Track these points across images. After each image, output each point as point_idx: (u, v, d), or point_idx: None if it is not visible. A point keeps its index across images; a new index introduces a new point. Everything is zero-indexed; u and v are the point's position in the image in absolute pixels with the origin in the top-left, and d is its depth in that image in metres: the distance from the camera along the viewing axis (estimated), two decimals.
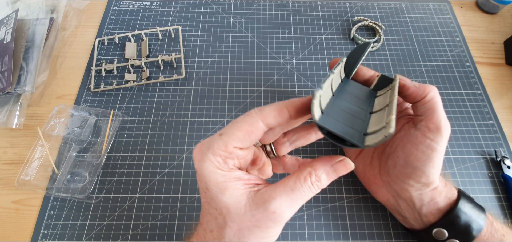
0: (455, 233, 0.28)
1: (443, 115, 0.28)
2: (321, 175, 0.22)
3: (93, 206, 0.35)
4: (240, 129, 0.22)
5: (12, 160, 0.38)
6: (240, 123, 0.22)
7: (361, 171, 0.33)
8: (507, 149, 0.40)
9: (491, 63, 0.48)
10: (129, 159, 0.38)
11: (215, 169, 0.22)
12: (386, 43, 0.48)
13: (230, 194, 0.21)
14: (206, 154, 0.22)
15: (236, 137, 0.22)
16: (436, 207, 0.29)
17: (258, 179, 0.24)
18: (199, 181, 0.23)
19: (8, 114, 0.40)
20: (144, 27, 0.48)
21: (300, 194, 0.21)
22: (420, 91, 0.28)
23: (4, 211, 0.35)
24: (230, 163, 0.22)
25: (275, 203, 0.21)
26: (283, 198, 0.21)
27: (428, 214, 0.29)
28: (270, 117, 0.22)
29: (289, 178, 0.22)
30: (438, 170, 0.28)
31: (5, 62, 0.41)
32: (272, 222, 0.21)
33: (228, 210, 0.22)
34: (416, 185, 0.28)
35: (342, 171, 0.23)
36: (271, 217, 0.21)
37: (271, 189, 0.22)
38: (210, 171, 0.22)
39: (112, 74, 0.44)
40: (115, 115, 0.40)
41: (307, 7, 0.52)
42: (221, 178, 0.22)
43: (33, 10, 0.48)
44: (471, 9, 0.54)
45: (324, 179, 0.22)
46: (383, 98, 0.29)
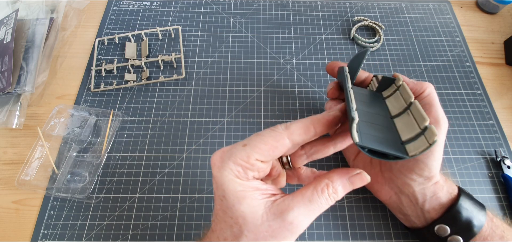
0: (457, 230, 0.28)
1: (440, 109, 0.29)
2: (338, 187, 0.23)
3: (93, 206, 0.35)
4: (265, 143, 0.22)
5: (12, 160, 0.38)
6: (266, 137, 0.22)
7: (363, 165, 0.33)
8: (507, 149, 0.40)
9: (491, 63, 0.48)
10: (129, 159, 0.38)
11: (234, 178, 0.22)
12: (386, 43, 0.48)
13: (248, 203, 0.21)
14: (227, 162, 0.22)
15: (260, 150, 0.22)
16: (438, 202, 0.29)
17: (275, 189, 0.24)
18: (216, 188, 0.23)
19: (8, 114, 0.40)
20: (144, 27, 0.48)
21: (317, 205, 0.22)
22: (418, 87, 0.30)
23: (4, 211, 0.35)
24: (249, 174, 0.22)
25: (293, 213, 0.21)
26: (301, 209, 0.21)
27: (430, 210, 0.29)
28: (296, 134, 0.23)
29: (306, 189, 0.22)
30: (439, 163, 0.28)
31: (5, 62, 0.41)
32: (289, 232, 0.21)
33: (245, 220, 0.21)
34: (419, 179, 0.29)
35: (358, 183, 0.23)
36: (288, 228, 0.21)
37: (289, 199, 0.22)
38: (229, 179, 0.22)
39: (112, 74, 0.44)
40: (115, 115, 0.40)
41: (307, 7, 0.52)
42: (239, 187, 0.22)
43: (33, 10, 0.48)
44: (471, 9, 0.54)
45: (341, 191, 0.23)
46: (394, 100, 0.29)
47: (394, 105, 0.29)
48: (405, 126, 0.25)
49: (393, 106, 0.29)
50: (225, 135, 0.40)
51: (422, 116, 0.24)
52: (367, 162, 0.33)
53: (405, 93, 0.28)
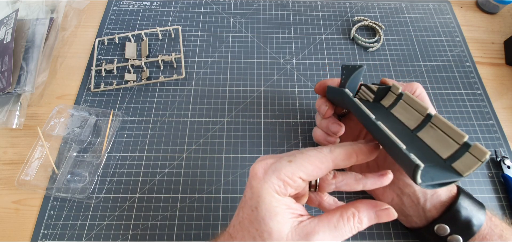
0: (456, 229, 0.28)
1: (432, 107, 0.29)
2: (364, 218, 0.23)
3: (93, 206, 0.35)
4: (311, 163, 0.23)
5: (12, 160, 0.38)
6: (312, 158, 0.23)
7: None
8: (507, 149, 0.40)
9: (491, 63, 0.48)
10: (129, 159, 0.38)
11: (273, 192, 0.22)
12: (386, 43, 0.48)
13: (278, 220, 0.22)
14: (271, 176, 0.22)
15: (305, 169, 0.22)
16: (438, 200, 0.29)
17: (303, 210, 0.24)
18: (250, 197, 0.23)
19: (8, 114, 0.40)
20: (144, 27, 0.48)
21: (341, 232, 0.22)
22: (409, 88, 0.30)
23: (4, 211, 0.35)
24: (288, 189, 0.23)
25: (317, 237, 0.21)
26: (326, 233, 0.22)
27: (431, 209, 0.29)
28: (339, 159, 0.23)
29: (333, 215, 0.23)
30: None
31: (5, 62, 0.41)
32: None
33: (270, 235, 0.22)
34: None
35: (384, 218, 0.23)
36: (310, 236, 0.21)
37: (315, 223, 0.22)
38: (268, 192, 0.22)
39: (112, 74, 0.44)
40: (115, 115, 0.40)
41: (307, 7, 0.52)
42: (275, 202, 0.22)
43: (33, 10, 0.48)
44: (471, 9, 0.54)
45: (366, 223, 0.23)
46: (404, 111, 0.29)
47: (407, 116, 0.28)
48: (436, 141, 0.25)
49: (406, 118, 0.28)
50: (225, 135, 0.40)
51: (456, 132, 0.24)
52: (363, 166, 0.33)
53: (415, 104, 0.27)
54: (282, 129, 0.40)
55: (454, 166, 0.24)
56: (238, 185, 0.36)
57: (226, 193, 0.36)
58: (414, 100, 0.28)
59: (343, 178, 0.26)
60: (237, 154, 0.38)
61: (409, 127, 0.28)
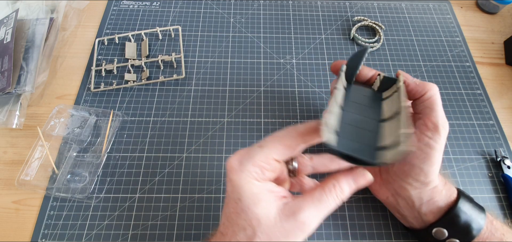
0: (454, 232, 0.28)
1: (441, 113, 0.28)
2: (344, 186, 0.23)
3: (93, 206, 0.35)
4: (281, 143, 0.24)
5: (12, 160, 0.38)
6: (281, 137, 0.24)
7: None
8: (507, 149, 0.40)
9: (491, 63, 0.48)
10: (129, 159, 0.38)
11: (252, 179, 0.23)
12: (386, 43, 0.48)
13: (262, 206, 0.22)
14: (246, 165, 0.23)
15: (276, 149, 0.23)
16: (436, 206, 0.29)
17: (285, 191, 0.24)
18: (231, 191, 0.23)
19: (8, 114, 0.40)
20: (144, 27, 0.48)
21: (325, 204, 0.23)
22: (420, 88, 0.29)
23: (4, 211, 0.35)
24: (266, 174, 0.23)
25: (304, 214, 0.22)
26: (311, 209, 0.22)
27: (427, 213, 0.29)
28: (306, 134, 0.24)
29: (315, 190, 0.23)
30: (437, 169, 0.28)
31: (5, 62, 0.41)
32: (301, 232, 0.22)
33: (259, 222, 0.22)
34: (415, 183, 0.28)
35: (362, 182, 0.24)
36: (300, 228, 0.22)
37: (299, 201, 0.23)
38: (247, 181, 0.23)
39: (112, 74, 0.44)
40: (115, 115, 0.40)
41: (307, 7, 0.52)
42: (256, 189, 0.22)
43: (33, 10, 0.48)
44: (471, 9, 0.54)
45: (346, 190, 0.24)
46: (390, 102, 0.29)
47: (390, 107, 0.29)
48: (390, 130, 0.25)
49: (388, 109, 0.29)
50: (225, 135, 0.40)
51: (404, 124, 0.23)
52: None
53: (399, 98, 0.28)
54: (282, 129, 0.40)
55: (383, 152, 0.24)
56: None
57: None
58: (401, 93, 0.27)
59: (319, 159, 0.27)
60: None
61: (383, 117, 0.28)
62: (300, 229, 0.22)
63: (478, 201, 0.36)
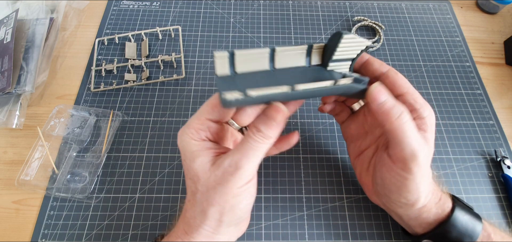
0: None
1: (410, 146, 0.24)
2: (259, 125, 0.24)
3: (93, 206, 0.35)
4: (208, 104, 0.26)
5: (12, 160, 0.38)
6: (211, 99, 0.26)
7: (359, 173, 0.33)
8: (507, 149, 0.40)
9: (491, 63, 0.48)
10: (129, 159, 0.38)
11: (190, 139, 0.25)
12: (386, 43, 0.48)
13: (200, 161, 0.25)
14: (185, 129, 0.26)
15: (206, 110, 0.26)
16: (425, 222, 0.28)
17: (225, 149, 0.26)
18: (182, 158, 0.26)
19: (8, 114, 0.40)
20: (144, 27, 0.48)
21: (248, 146, 0.24)
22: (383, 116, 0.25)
23: (4, 211, 0.35)
24: (202, 134, 0.26)
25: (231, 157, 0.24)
26: (237, 153, 0.24)
27: (416, 226, 0.29)
28: None
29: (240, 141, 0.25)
30: (419, 193, 0.26)
31: (5, 62, 0.41)
32: (230, 175, 0.23)
33: (198, 177, 0.24)
34: (399, 203, 0.27)
35: (274, 114, 0.24)
36: (229, 171, 0.23)
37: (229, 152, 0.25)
38: (186, 142, 0.25)
39: (112, 74, 0.44)
40: (115, 115, 0.40)
41: (307, 7, 0.52)
42: (194, 147, 0.25)
43: (33, 10, 0.48)
44: (471, 9, 0.54)
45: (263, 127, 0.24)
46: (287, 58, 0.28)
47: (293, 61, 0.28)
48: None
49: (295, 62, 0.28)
50: None
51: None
52: (363, 169, 0.32)
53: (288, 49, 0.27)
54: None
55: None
56: None
57: None
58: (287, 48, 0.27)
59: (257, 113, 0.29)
60: None
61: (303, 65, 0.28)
62: (228, 172, 0.23)
63: (478, 201, 0.36)
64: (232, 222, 0.25)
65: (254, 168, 0.24)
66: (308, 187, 0.36)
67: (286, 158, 0.38)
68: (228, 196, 0.24)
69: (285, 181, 0.37)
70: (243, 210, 0.25)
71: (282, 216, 0.35)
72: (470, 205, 0.30)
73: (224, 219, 0.24)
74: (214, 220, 0.24)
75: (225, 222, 0.25)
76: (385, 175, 0.27)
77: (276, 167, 0.38)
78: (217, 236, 0.25)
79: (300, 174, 0.37)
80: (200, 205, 0.25)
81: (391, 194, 0.27)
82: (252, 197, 0.26)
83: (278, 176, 0.37)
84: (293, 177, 0.37)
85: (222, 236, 0.26)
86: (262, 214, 0.35)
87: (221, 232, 0.25)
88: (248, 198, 0.25)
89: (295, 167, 0.38)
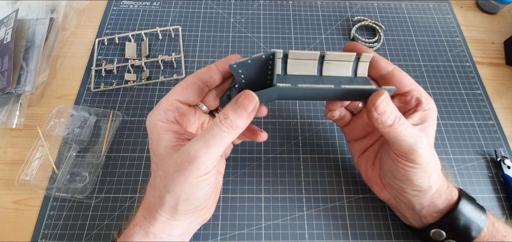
0: (453, 234, 0.28)
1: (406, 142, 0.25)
2: (228, 111, 0.23)
3: (93, 206, 0.35)
4: (179, 85, 0.26)
5: (12, 160, 0.38)
6: (182, 82, 0.26)
7: (364, 170, 0.33)
8: (507, 149, 0.40)
9: (491, 63, 0.48)
10: (129, 159, 0.38)
11: (157, 121, 0.25)
12: (386, 43, 0.48)
13: (164, 145, 0.24)
14: (154, 111, 0.26)
15: (176, 91, 0.26)
16: (435, 209, 0.29)
17: (192, 135, 0.25)
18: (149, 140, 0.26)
19: (8, 114, 0.40)
20: (144, 27, 0.48)
21: (212, 134, 0.23)
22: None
23: (4, 211, 0.35)
24: (170, 115, 0.26)
25: (192, 146, 0.23)
26: (199, 141, 0.23)
27: (427, 216, 0.29)
28: (201, 73, 0.26)
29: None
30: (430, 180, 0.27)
31: (5, 62, 0.41)
32: (189, 164, 0.22)
33: (161, 159, 0.24)
34: (413, 192, 0.28)
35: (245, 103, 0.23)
36: (187, 159, 0.23)
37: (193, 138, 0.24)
38: (153, 124, 0.25)
39: (112, 74, 0.44)
40: (115, 115, 0.40)
41: (307, 7, 0.52)
42: (160, 130, 0.25)
43: (33, 10, 0.48)
44: (471, 9, 0.54)
45: (232, 115, 0.23)
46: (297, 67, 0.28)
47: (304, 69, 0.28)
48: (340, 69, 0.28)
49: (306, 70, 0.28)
50: None
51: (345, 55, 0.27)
52: (369, 165, 0.33)
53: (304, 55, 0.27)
54: (282, 129, 0.40)
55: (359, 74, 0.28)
56: (238, 185, 0.36)
57: (226, 193, 0.36)
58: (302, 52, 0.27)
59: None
60: (237, 154, 0.38)
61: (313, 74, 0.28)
62: (187, 161, 0.22)
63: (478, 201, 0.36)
64: (188, 211, 0.25)
65: (214, 159, 0.23)
66: (308, 187, 0.36)
67: (286, 158, 0.38)
68: (185, 185, 0.23)
69: (285, 181, 0.37)
70: (200, 200, 0.25)
71: (282, 216, 0.35)
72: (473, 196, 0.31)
73: (179, 207, 0.24)
74: (170, 207, 0.24)
75: (180, 211, 0.24)
76: (394, 167, 0.28)
77: (276, 167, 0.38)
78: (174, 222, 0.25)
79: (300, 174, 0.37)
80: (158, 190, 0.24)
81: (404, 184, 0.28)
82: (210, 187, 0.25)
83: (278, 176, 0.37)
84: (293, 177, 0.37)
85: (179, 223, 0.26)
86: (262, 214, 0.35)
87: (177, 219, 0.25)
88: (206, 189, 0.24)
89: (295, 167, 0.38)
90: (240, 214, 0.35)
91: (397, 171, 0.28)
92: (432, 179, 0.27)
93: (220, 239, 0.33)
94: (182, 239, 0.28)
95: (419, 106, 0.28)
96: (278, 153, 0.38)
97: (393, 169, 0.28)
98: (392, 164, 0.28)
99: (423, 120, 0.27)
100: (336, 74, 0.28)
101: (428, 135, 0.27)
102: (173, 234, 0.26)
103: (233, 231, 0.34)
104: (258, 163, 0.38)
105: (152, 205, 0.25)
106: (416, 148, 0.25)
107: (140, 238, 0.25)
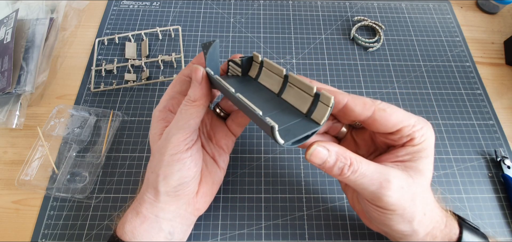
0: None
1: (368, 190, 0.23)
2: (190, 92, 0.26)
3: (93, 206, 0.35)
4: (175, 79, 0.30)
5: (12, 160, 0.38)
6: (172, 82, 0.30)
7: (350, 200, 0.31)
8: (507, 149, 0.40)
9: (491, 63, 0.48)
10: (129, 159, 0.38)
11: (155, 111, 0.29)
12: (386, 43, 0.48)
13: (154, 132, 0.28)
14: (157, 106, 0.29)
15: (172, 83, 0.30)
16: None
17: None
18: None
19: (8, 114, 0.40)
20: (144, 27, 0.48)
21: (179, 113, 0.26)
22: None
23: (4, 211, 0.35)
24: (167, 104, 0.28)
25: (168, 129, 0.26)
26: (172, 124, 0.26)
27: None
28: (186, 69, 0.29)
29: None
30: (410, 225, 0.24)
31: (5, 62, 0.41)
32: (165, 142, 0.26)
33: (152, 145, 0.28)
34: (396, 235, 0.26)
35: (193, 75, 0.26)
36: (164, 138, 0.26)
37: None
38: (153, 114, 0.29)
39: (112, 74, 0.44)
40: (115, 115, 0.40)
41: (307, 7, 0.52)
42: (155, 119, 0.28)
43: (33, 10, 0.48)
44: (471, 9, 0.54)
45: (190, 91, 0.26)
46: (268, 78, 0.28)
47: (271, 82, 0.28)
48: (296, 99, 0.26)
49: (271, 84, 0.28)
50: None
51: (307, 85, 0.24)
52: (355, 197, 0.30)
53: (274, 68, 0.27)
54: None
55: (313, 117, 0.24)
56: (238, 185, 0.36)
57: (226, 193, 0.36)
58: (272, 64, 0.27)
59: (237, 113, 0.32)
60: (237, 154, 0.38)
61: (274, 92, 0.28)
62: (165, 141, 0.26)
63: (478, 201, 0.36)
64: (169, 192, 0.26)
65: (184, 136, 0.26)
66: (308, 187, 0.36)
67: (286, 158, 0.38)
68: (162, 164, 0.26)
69: (285, 181, 0.37)
70: (177, 180, 0.26)
71: (282, 216, 0.35)
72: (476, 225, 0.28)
73: (160, 188, 0.26)
74: (153, 188, 0.27)
75: (161, 192, 0.26)
76: (369, 210, 0.25)
77: (276, 167, 0.38)
78: (158, 204, 0.27)
79: (300, 174, 0.37)
80: (146, 174, 0.28)
81: (384, 228, 0.26)
82: (188, 170, 0.26)
83: (278, 176, 0.37)
84: (293, 177, 0.37)
85: (164, 205, 0.27)
86: (262, 214, 0.35)
87: (161, 201, 0.27)
88: (182, 169, 0.26)
89: (295, 167, 0.38)
90: (240, 214, 0.35)
91: (372, 214, 0.25)
92: (416, 224, 0.24)
93: (220, 239, 0.33)
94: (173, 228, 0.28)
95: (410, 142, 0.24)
96: (278, 153, 0.38)
97: (369, 211, 0.25)
98: (366, 205, 0.25)
99: (413, 156, 0.24)
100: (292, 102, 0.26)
101: (420, 171, 0.24)
102: (160, 216, 0.27)
103: (233, 231, 0.34)
104: (258, 163, 0.38)
105: (143, 189, 0.28)
106: (381, 196, 0.22)
107: (132, 217, 0.27)
